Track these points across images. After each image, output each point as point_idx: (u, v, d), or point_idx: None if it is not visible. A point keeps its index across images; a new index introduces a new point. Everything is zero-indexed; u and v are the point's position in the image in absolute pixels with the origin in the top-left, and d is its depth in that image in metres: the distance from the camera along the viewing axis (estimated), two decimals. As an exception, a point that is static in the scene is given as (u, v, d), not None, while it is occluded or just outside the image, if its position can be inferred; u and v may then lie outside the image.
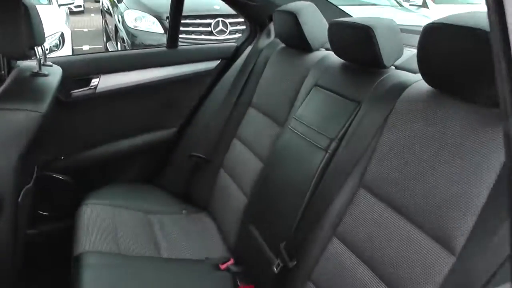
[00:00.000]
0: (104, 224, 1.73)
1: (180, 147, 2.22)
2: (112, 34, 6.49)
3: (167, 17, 5.28)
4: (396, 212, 1.07)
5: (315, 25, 1.69)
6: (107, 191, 1.98)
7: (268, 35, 2.14)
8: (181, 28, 2.34)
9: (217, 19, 5.32)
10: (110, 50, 6.62)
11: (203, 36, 5.27)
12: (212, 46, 2.49)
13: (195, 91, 2.27)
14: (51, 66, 1.75)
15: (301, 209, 1.34)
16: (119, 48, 5.89)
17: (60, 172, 2.05)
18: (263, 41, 2.11)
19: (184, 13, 2.21)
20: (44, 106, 1.41)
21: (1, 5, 1.40)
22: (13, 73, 1.64)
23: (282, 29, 1.82)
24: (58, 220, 2.10)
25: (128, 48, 5.47)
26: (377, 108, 1.24)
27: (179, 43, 2.24)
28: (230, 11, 2.66)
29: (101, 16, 8.47)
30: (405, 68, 1.38)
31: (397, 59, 1.36)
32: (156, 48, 2.48)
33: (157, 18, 5.45)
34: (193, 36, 5.26)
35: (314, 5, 1.73)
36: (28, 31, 1.45)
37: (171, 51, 2.20)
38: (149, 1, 5.67)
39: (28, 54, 1.52)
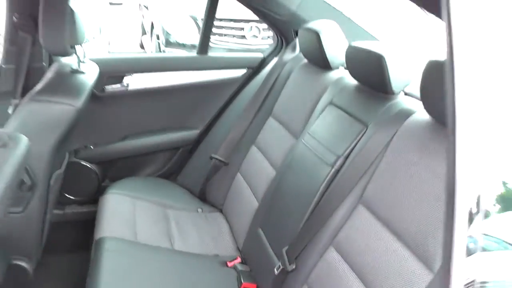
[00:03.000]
0: (125, 214, 1.87)
1: (201, 148, 2.35)
2: (148, 29, 6.67)
3: (201, 19, 5.44)
4: (388, 230, 1.18)
5: (336, 45, 1.78)
6: (130, 182, 2.12)
7: (293, 49, 2.24)
8: (215, 30, 2.44)
9: (250, 24, 5.43)
10: (144, 44, 6.81)
11: (235, 39, 5.39)
12: (240, 56, 2.62)
13: (220, 97, 2.40)
14: (88, 63, 1.89)
15: (305, 218, 1.45)
16: (155, 43, 6.06)
17: (88, 160, 2.21)
18: (288, 55, 2.21)
19: (219, 16, 2.31)
20: (79, 102, 1.55)
21: (50, 5, 1.54)
22: (53, 67, 1.79)
23: (305, 46, 1.93)
24: (81, 204, 2.26)
25: (163, 45, 5.63)
26: (382, 131, 1.34)
27: (212, 44, 2.36)
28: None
29: (138, 10, 8.66)
30: (413, 95, 1.48)
31: (406, 86, 1.45)
32: (187, 55, 2.61)
33: (192, 19, 5.60)
34: (225, 39, 5.39)
35: (337, 25, 1.83)
36: (71, 31, 1.60)
37: (201, 58, 2.33)
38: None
39: (69, 51, 1.65)
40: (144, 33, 7.22)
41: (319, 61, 1.85)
